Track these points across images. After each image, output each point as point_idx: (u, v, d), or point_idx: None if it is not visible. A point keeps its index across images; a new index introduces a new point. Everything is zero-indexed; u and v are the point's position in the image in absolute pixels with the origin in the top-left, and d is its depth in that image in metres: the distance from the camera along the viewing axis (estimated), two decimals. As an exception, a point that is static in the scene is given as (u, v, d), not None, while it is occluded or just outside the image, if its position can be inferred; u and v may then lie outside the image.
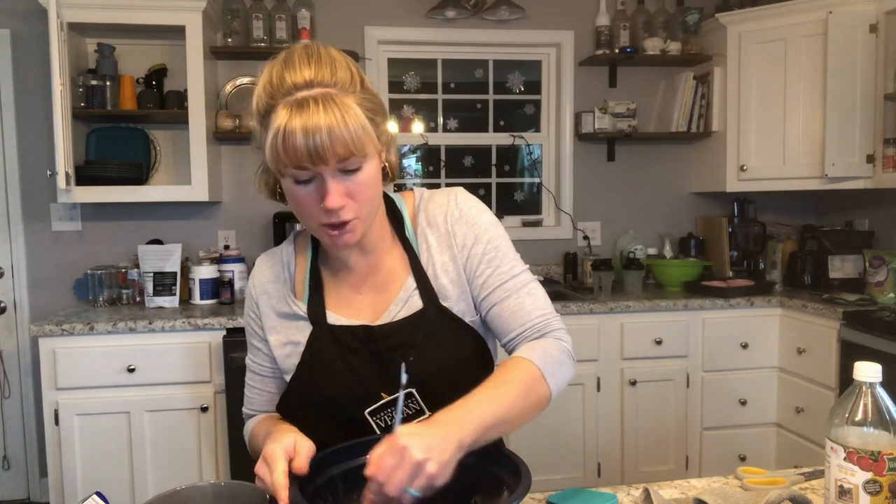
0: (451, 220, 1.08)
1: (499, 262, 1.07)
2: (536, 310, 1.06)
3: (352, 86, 0.93)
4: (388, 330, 1.05)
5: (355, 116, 0.91)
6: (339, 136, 0.89)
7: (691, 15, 3.37)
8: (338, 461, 0.96)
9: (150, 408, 2.61)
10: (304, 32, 3.09)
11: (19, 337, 3.17)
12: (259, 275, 1.14)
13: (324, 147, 0.89)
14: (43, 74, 3.03)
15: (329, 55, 0.95)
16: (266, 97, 0.93)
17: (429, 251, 1.08)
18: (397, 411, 0.97)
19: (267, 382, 1.16)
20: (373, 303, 1.09)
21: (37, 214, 3.14)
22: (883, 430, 0.87)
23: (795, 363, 2.94)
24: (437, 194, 1.12)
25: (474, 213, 1.09)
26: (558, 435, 2.92)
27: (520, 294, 1.06)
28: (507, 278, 1.07)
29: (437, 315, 1.06)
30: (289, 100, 0.91)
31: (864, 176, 2.95)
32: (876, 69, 2.89)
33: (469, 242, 1.07)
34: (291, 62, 0.93)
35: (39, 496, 3.21)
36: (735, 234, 3.42)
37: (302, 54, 0.94)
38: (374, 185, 0.98)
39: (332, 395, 1.05)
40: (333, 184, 0.93)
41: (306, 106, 0.89)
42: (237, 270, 3.02)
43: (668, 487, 1.12)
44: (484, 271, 1.07)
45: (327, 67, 0.93)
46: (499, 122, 3.60)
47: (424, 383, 1.03)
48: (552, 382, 0.99)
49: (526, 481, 0.85)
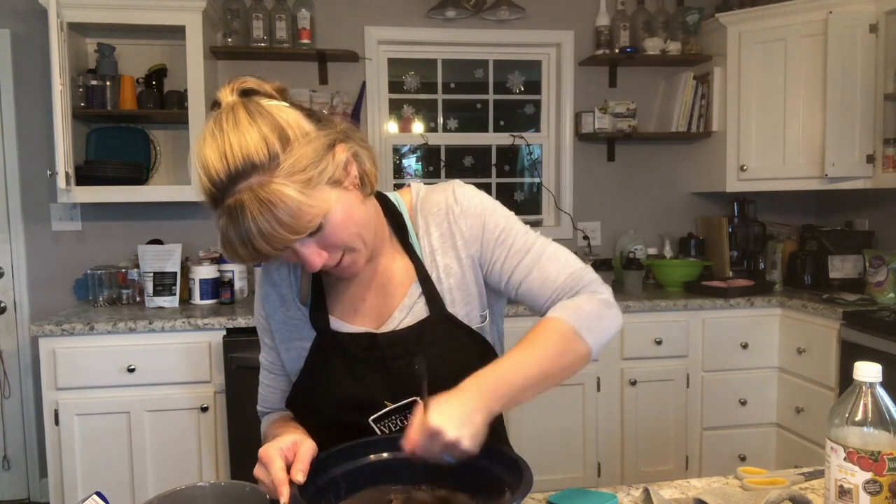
0: (452, 217, 1.06)
1: (511, 241, 1.05)
2: (561, 273, 1.03)
3: (272, 158, 0.85)
4: (392, 338, 1.04)
5: (284, 206, 0.84)
6: (274, 234, 0.85)
7: (691, 15, 3.37)
8: (340, 461, 0.96)
9: (150, 408, 2.61)
10: (304, 32, 3.09)
11: (19, 337, 3.17)
12: (267, 275, 1.13)
13: (265, 248, 0.86)
14: (43, 74, 3.03)
15: (237, 128, 0.86)
16: (206, 203, 0.89)
17: (432, 254, 1.07)
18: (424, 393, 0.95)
19: (280, 380, 1.16)
20: (376, 308, 1.07)
21: (37, 214, 3.14)
22: (883, 430, 0.87)
23: (795, 363, 2.94)
24: (433, 191, 1.10)
25: (475, 203, 1.07)
26: (558, 435, 2.92)
27: (541, 264, 1.04)
28: (524, 254, 1.05)
29: (443, 322, 1.04)
30: (221, 207, 0.87)
31: (864, 176, 2.95)
32: (876, 69, 2.89)
33: (478, 234, 1.06)
34: (204, 157, 0.86)
35: (39, 496, 3.21)
36: (735, 234, 3.42)
37: (211, 139, 0.87)
38: (348, 223, 0.93)
39: (336, 402, 1.05)
40: (303, 249, 0.91)
41: (235, 215, 0.85)
42: (237, 270, 3.02)
43: (668, 487, 1.12)
44: (500, 256, 1.05)
45: (238, 148, 0.85)
46: (499, 122, 3.60)
47: (430, 390, 1.01)
48: (589, 337, 0.97)
49: (527, 480, 0.85)
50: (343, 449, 0.97)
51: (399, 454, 0.94)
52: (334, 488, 0.94)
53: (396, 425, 1.04)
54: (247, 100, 0.91)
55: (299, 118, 0.91)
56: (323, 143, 0.91)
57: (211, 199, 0.88)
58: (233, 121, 0.87)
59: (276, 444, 0.90)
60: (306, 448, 0.91)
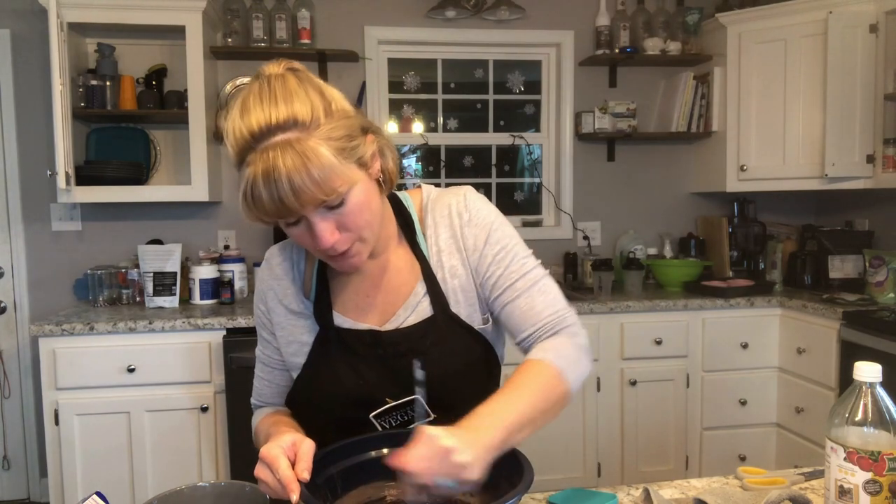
0: (460, 222, 1.07)
1: (508, 261, 1.06)
2: (547, 308, 1.04)
3: (314, 121, 0.88)
4: (396, 336, 1.04)
5: (319, 162, 0.86)
6: (304, 188, 0.86)
7: (691, 15, 3.37)
8: (337, 459, 0.96)
9: (150, 408, 2.61)
10: (304, 32, 3.09)
11: (19, 337, 3.17)
12: (270, 269, 1.13)
13: (290, 202, 0.86)
14: (43, 74, 3.03)
15: (286, 89, 0.89)
16: (233, 151, 0.90)
17: (439, 255, 1.07)
18: (417, 406, 0.96)
19: (276, 374, 1.16)
20: (380, 305, 1.08)
21: (37, 214, 3.14)
22: (883, 430, 0.87)
23: (795, 363, 2.94)
24: (445, 194, 1.11)
25: (483, 215, 1.08)
26: (558, 435, 2.92)
27: (530, 293, 1.05)
28: (518, 277, 1.05)
29: (447, 322, 1.05)
30: (252, 155, 0.87)
31: (863, 176, 2.95)
32: (876, 69, 2.89)
33: (480, 244, 1.06)
34: (247, 108, 0.89)
35: (39, 496, 3.21)
36: (735, 234, 3.42)
37: (257, 96, 0.89)
38: (366, 208, 0.95)
39: (336, 398, 1.05)
40: (321, 223, 0.91)
41: (267, 162, 0.85)
42: (237, 270, 3.03)
43: (668, 487, 1.12)
44: (494, 272, 1.06)
45: (283, 105, 0.88)
46: (499, 122, 3.60)
47: (431, 388, 1.01)
48: (570, 378, 0.98)
49: (528, 476, 0.85)
50: (339, 447, 0.97)
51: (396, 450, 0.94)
52: (331, 486, 0.94)
53: (397, 421, 1.05)
54: (296, 71, 0.95)
55: (342, 98, 0.96)
56: (359, 125, 0.95)
57: (242, 148, 0.89)
58: (282, 83, 0.90)
59: (276, 443, 0.90)
60: (307, 447, 0.90)
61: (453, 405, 0.97)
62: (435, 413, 1.03)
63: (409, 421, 1.05)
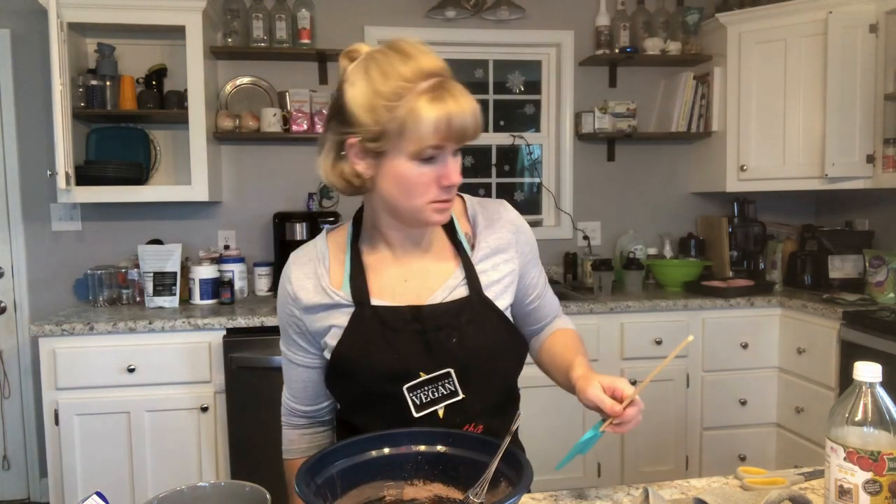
0: (513, 228, 1.19)
1: (538, 264, 1.26)
2: (555, 299, 1.33)
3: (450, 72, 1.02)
4: (437, 310, 1.10)
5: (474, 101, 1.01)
6: (476, 119, 1.00)
7: (691, 15, 3.37)
8: (336, 459, 0.97)
9: (150, 408, 2.61)
10: (304, 32, 3.09)
11: (19, 337, 3.17)
12: (296, 270, 1.15)
13: (468, 128, 0.99)
14: (43, 74, 3.03)
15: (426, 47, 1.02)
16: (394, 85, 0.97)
17: (484, 250, 1.15)
18: (514, 422, 1.03)
19: (312, 373, 1.19)
20: (416, 289, 1.12)
21: (37, 214, 3.14)
22: (883, 430, 0.87)
23: (795, 363, 2.94)
24: (490, 201, 1.23)
25: (527, 227, 1.24)
26: (558, 435, 2.92)
27: (548, 288, 1.31)
28: (541, 276, 1.28)
29: (481, 304, 1.12)
30: (422, 87, 0.97)
31: (863, 176, 2.95)
32: (876, 69, 2.89)
33: (527, 250, 1.22)
34: (407, 53, 0.99)
35: (39, 496, 3.21)
36: (735, 234, 3.42)
37: (410, 47, 1.00)
38: None
39: (371, 370, 1.08)
40: (453, 161, 1.03)
41: (449, 93, 0.98)
42: (237, 270, 3.03)
43: (668, 487, 1.12)
44: (532, 273, 1.24)
45: (433, 56, 1.00)
46: (499, 122, 3.60)
47: (463, 366, 1.08)
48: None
49: (528, 476, 0.86)
50: (339, 447, 0.98)
51: (396, 450, 0.96)
52: (331, 486, 0.94)
53: (428, 396, 1.08)
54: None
55: None
56: None
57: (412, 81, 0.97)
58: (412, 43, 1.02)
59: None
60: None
61: (481, 381, 1.09)
62: (464, 389, 1.08)
63: (441, 396, 1.07)
